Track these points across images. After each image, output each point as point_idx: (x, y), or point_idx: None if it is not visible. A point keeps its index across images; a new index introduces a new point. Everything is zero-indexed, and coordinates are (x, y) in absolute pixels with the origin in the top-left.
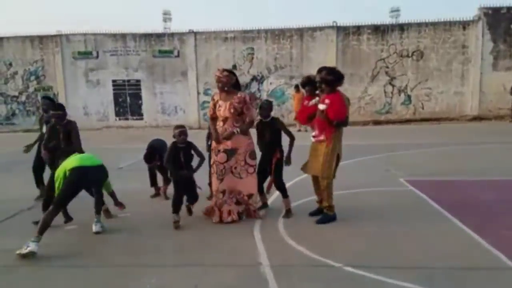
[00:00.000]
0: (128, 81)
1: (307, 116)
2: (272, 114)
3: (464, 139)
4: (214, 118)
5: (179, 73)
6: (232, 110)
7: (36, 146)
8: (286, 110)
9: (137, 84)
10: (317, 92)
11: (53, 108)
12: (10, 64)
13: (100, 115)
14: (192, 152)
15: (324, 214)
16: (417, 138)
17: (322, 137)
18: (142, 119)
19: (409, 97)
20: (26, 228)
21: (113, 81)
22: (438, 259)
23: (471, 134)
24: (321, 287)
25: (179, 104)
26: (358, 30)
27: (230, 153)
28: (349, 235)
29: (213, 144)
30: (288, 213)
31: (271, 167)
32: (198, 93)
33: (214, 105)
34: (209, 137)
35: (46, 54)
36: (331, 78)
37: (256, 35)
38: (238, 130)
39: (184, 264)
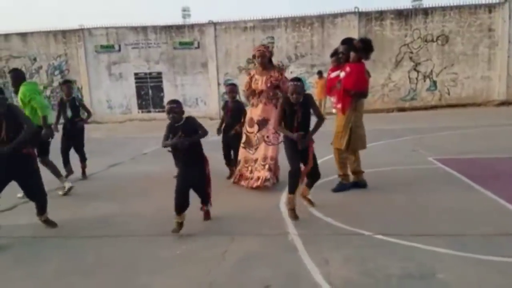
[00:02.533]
0: (150, 73)
1: (329, 88)
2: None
3: (492, 121)
4: (249, 90)
5: (200, 65)
6: (268, 84)
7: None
8: None
9: (158, 76)
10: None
11: None
12: (35, 59)
13: (123, 108)
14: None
15: (339, 183)
16: (443, 121)
17: (338, 106)
18: (163, 111)
19: (434, 83)
20: (54, 204)
21: (135, 74)
22: (470, 227)
23: (499, 117)
24: (351, 253)
25: (200, 95)
26: (380, 15)
27: (262, 123)
28: (378, 208)
29: (249, 115)
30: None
31: (306, 153)
32: (219, 84)
33: (250, 79)
34: (222, 122)
35: (69, 48)
36: (360, 46)
37: (276, 23)
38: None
39: (212, 233)
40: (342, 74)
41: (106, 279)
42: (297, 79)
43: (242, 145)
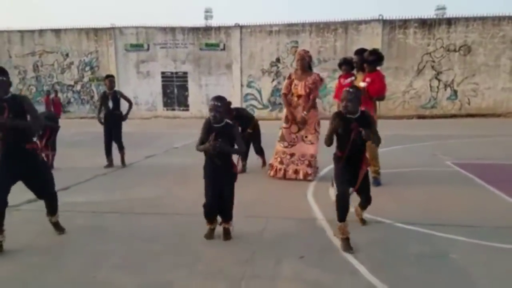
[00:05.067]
0: (176, 73)
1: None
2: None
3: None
4: (286, 94)
5: (224, 66)
6: (307, 90)
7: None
8: (328, 103)
9: (184, 76)
10: (353, 71)
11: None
12: (67, 55)
13: (149, 105)
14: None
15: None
16: (463, 130)
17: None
18: (188, 110)
19: (455, 92)
20: (104, 186)
21: (162, 73)
22: (483, 221)
23: None
24: (374, 235)
25: (223, 96)
26: (404, 23)
27: (302, 124)
28: (399, 202)
29: (285, 114)
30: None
31: (360, 178)
32: (242, 85)
33: (290, 83)
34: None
35: (100, 46)
36: (372, 58)
37: (301, 28)
38: (306, 113)
39: (249, 216)
40: (363, 84)
41: (166, 245)
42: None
43: (278, 138)
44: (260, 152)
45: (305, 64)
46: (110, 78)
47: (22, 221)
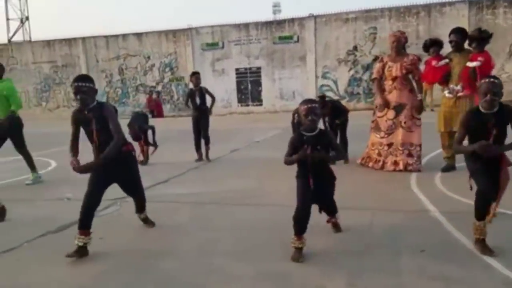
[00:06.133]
0: (250, 68)
1: (441, 76)
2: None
3: None
4: (379, 79)
5: (298, 58)
6: (404, 71)
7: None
8: None
9: (257, 71)
10: (441, 53)
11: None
12: (149, 57)
13: (224, 102)
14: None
15: (447, 164)
16: None
17: (469, 93)
18: (261, 105)
19: None
20: (198, 179)
21: (236, 69)
22: None
23: None
24: (502, 229)
25: (297, 88)
26: (492, 3)
27: (399, 109)
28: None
29: (379, 101)
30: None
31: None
32: (317, 77)
33: (383, 67)
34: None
35: (179, 47)
36: (485, 36)
37: (379, 14)
38: (420, 96)
39: (353, 208)
40: (473, 64)
41: (271, 235)
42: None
43: (372, 129)
44: (344, 145)
45: (401, 46)
46: (196, 75)
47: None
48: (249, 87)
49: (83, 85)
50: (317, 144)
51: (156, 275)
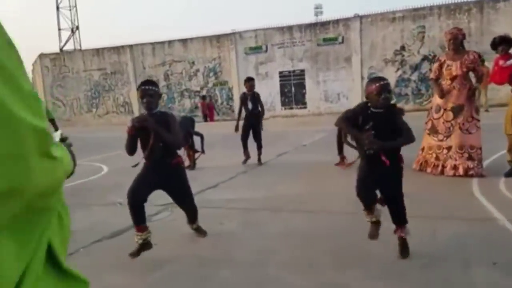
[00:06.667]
0: (293, 71)
1: (509, 75)
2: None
3: None
4: (435, 80)
5: (343, 60)
6: (464, 69)
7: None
8: None
9: (301, 74)
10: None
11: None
12: (193, 63)
13: (267, 105)
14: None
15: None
16: None
17: None
18: (305, 107)
19: None
20: (247, 184)
21: (280, 72)
22: None
23: None
24: None
25: (342, 90)
26: None
27: (457, 110)
28: None
29: (436, 102)
30: None
31: None
32: (362, 78)
33: (440, 66)
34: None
35: (223, 52)
36: None
37: (428, 11)
38: (478, 85)
39: (413, 216)
40: None
41: (327, 244)
42: None
43: (426, 131)
44: None
45: (458, 43)
46: (250, 82)
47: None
48: (292, 90)
49: (150, 89)
50: (382, 123)
51: (214, 284)
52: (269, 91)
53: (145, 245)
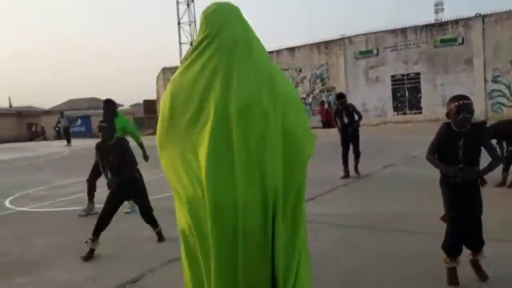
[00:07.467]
0: (407, 75)
1: None
2: None
3: None
4: None
5: (463, 62)
6: None
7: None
8: None
9: (416, 77)
10: None
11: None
12: (300, 70)
13: (377, 111)
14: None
15: None
16: None
17: None
18: (420, 112)
19: None
20: (346, 198)
21: (392, 76)
22: None
23: None
24: None
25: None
26: None
27: None
28: None
29: None
30: None
31: None
32: (486, 81)
33: None
34: None
35: (330, 58)
36: None
37: None
38: None
39: (497, 240)
40: None
41: (427, 270)
42: None
43: None
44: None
45: None
46: (341, 100)
47: None
48: (406, 94)
49: None
50: (468, 143)
51: None
52: (379, 96)
53: None
